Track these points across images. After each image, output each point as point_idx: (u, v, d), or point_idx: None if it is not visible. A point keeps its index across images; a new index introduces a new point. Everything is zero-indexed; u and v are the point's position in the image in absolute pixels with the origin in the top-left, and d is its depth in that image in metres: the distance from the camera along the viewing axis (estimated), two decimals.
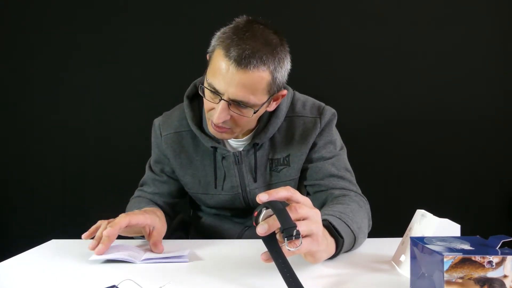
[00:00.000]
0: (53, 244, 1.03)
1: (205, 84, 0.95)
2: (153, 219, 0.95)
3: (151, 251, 0.92)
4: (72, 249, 0.97)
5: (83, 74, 2.12)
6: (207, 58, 0.98)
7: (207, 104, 0.98)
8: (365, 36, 2.03)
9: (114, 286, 0.67)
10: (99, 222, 0.94)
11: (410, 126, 2.03)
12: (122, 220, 0.89)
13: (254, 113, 0.95)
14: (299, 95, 1.15)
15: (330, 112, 1.12)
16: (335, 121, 1.14)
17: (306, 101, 1.14)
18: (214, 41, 0.95)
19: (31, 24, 2.12)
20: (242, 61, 0.88)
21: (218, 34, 0.95)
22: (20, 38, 2.12)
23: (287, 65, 0.97)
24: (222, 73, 0.90)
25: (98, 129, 2.11)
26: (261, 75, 0.90)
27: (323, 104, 1.14)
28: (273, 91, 0.96)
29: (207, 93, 0.96)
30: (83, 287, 0.72)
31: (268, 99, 0.97)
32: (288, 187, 0.68)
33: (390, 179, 2.04)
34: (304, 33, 2.01)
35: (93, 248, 0.86)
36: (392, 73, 2.03)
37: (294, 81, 1.12)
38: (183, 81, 1.24)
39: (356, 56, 2.03)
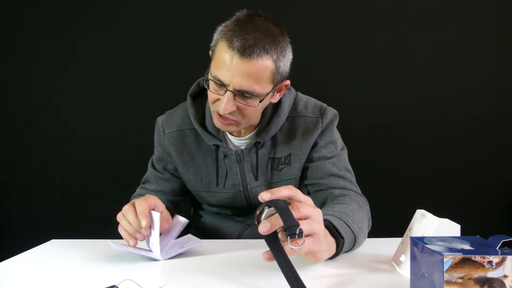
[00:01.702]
0: (53, 244, 1.03)
1: (210, 77, 0.96)
2: (160, 203, 0.94)
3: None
4: (72, 249, 0.97)
5: (84, 74, 2.12)
6: (210, 53, 0.99)
7: (211, 95, 0.99)
8: (365, 36, 2.03)
9: (114, 286, 0.67)
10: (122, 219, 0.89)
11: (411, 126, 2.03)
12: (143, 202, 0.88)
13: (260, 102, 0.96)
14: (301, 96, 1.17)
15: (331, 112, 1.13)
16: (336, 122, 1.15)
17: (308, 102, 1.15)
18: (216, 35, 0.96)
19: (31, 24, 2.12)
20: (246, 51, 0.89)
21: (219, 28, 0.97)
22: (20, 38, 2.12)
23: (289, 55, 0.98)
24: (227, 64, 0.91)
25: (98, 129, 2.11)
26: (264, 64, 0.92)
27: (324, 105, 1.15)
28: (277, 81, 0.97)
29: (212, 85, 0.97)
30: (83, 287, 0.72)
31: (272, 89, 0.98)
32: (290, 186, 0.68)
33: (390, 179, 2.04)
34: (304, 33, 2.00)
35: (140, 239, 0.86)
36: (392, 73, 2.03)
37: (295, 81, 1.12)
38: (184, 81, 1.24)
39: (357, 56, 2.03)
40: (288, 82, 1.03)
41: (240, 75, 0.91)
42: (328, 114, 1.12)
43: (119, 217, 0.89)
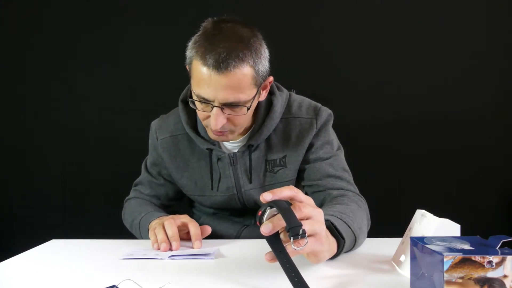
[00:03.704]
0: (53, 244, 1.03)
1: (194, 97, 0.96)
2: (190, 220, 1.02)
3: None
4: (72, 249, 0.98)
5: (83, 74, 2.12)
6: (187, 69, 0.99)
7: (201, 114, 0.99)
8: (365, 36, 2.03)
9: (114, 286, 0.67)
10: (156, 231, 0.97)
11: (410, 126, 2.03)
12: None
13: (248, 109, 0.96)
14: (295, 96, 1.15)
15: (326, 112, 1.12)
16: (331, 122, 1.14)
17: (302, 102, 1.14)
18: (188, 53, 0.96)
19: (32, 24, 2.12)
20: (221, 65, 0.88)
21: (190, 44, 0.96)
22: (20, 38, 2.12)
23: (265, 53, 0.97)
24: (206, 82, 0.91)
25: (98, 129, 2.11)
26: (243, 72, 0.91)
27: (319, 105, 1.14)
28: (259, 83, 0.97)
29: (198, 104, 0.97)
30: (83, 287, 0.72)
31: (257, 91, 0.98)
32: (291, 187, 0.68)
33: (390, 179, 2.04)
34: (304, 33, 2.00)
35: (166, 249, 0.92)
36: (392, 73, 2.03)
37: (295, 80, 1.11)
38: (183, 81, 1.24)
39: (356, 56, 2.03)
40: (271, 78, 1.02)
41: (222, 90, 0.91)
42: (322, 114, 1.11)
43: (150, 234, 0.98)
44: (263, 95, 1.05)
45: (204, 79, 0.91)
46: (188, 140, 1.13)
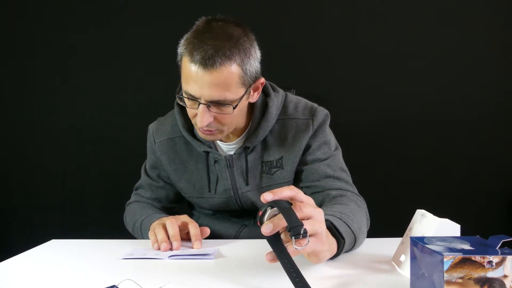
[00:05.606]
0: (53, 244, 1.03)
1: (183, 93, 0.96)
2: (191, 220, 1.03)
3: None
4: (72, 249, 0.98)
5: (83, 74, 2.12)
6: (179, 66, 0.99)
7: (190, 111, 0.99)
8: (365, 36, 2.03)
9: (114, 286, 0.67)
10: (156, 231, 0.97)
11: (410, 126, 2.03)
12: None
13: (234, 108, 0.96)
14: (291, 97, 1.15)
15: (322, 113, 1.12)
16: (328, 122, 1.13)
17: (299, 103, 1.13)
18: (179, 49, 0.96)
19: (31, 24, 2.12)
20: (207, 62, 0.89)
21: (181, 41, 0.96)
22: (20, 38, 2.13)
23: (255, 54, 0.97)
24: (193, 79, 0.91)
25: (98, 129, 2.12)
26: (229, 70, 0.91)
27: (315, 105, 1.13)
28: (248, 83, 0.96)
29: (186, 101, 0.97)
30: (83, 287, 0.72)
31: (246, 91, 0.97)
32: (292, 186, 0.68)
33: (390, 179, 2.04)
34: (304, 33, 2.01)
35: (167, 249, 0.92)
36: (392, 73, 2.03)
37: (294, 80, 1.11)
38: None
39: (356, 56, 2.03)
40: (262, 80, 1.02)
41: (208, 87, 0.91)
42: (318, 114, 1.10)
43: (151, 234, 0.98)
44: (255, 97, 1.04)
45: (191, 75, 0.91)
46: (185, 142, 1.13)
